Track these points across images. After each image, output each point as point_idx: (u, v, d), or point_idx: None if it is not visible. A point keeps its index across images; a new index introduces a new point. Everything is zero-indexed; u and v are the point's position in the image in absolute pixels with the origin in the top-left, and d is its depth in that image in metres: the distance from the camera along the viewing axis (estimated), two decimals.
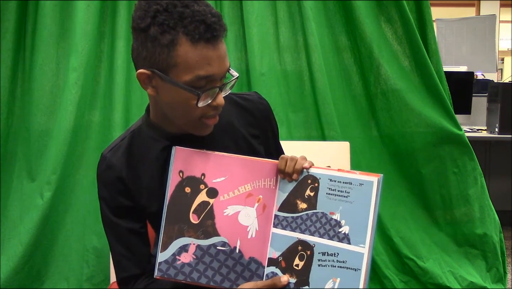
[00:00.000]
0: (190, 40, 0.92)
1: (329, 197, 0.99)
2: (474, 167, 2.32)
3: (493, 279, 2.37)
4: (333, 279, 0.96)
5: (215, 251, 1.02)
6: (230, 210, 1.03)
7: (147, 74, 0.97)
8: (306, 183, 1.02)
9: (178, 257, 1.01)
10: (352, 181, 0.98)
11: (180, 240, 1.02)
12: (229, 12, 2.25)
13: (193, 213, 1.02)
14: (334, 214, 0.98)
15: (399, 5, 2.22)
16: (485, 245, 2.36)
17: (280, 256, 1.02)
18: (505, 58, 8.39)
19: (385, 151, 2.35)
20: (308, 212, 1.01)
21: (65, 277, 2.19)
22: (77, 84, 2.13)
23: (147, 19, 0.93)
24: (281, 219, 1.03)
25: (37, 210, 2.13)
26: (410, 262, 2.32)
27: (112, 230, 1.11)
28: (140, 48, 0.96)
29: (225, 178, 1.03)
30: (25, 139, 2.19)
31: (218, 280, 1.02)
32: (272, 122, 1.22)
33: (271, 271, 1.02)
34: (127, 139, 1.11)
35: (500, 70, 7.64)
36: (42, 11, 2.15)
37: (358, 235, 0.95)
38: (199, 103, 0.95)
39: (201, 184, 1.03)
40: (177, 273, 1.01)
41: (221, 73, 0.97)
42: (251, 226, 1.03)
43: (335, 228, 0.98)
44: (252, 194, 1.04)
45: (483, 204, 2.35)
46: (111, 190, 1.08)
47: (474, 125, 3.75)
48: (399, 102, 2.27)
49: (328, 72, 2.26)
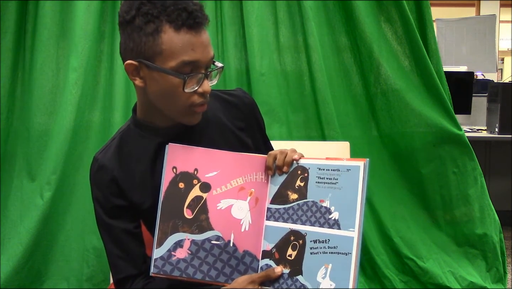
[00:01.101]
0: (174, 27, 0.97)
1: (319, 185, 1.01)
2: (474, 167, 2.32)
3: (493, 279, 2.37)
4: (325, 265, 0.97)
5: (210, 246, 1.03)
6: (223, 203, 1.05)
7: (134, 65, 1.01)
8: (296, 174, 1.04)
9: (174, 252, 1.02)
10: (340, 167, 1.00)
11: (175, 235, 1.03)
12: (229, 12, 2.25)
13: (187, 208, 1.04)
14: (324, 201, 1.00)
15: (399, 5, 2.22)
16: (485, 245, 2.36)
17: (273, 248, 1.03)
18: (505, 58, 8.38)
19: (385, 151, 2.35)
20: (299, 202, 1.03)
21: (65, 277, 2.19)
22: (77, 84, 2.13)
23: (132, 11, 0.98)
24: (273, 211, 1.05)
25: (37, 210, 2.13)
26: (410, 262, 2.32)
27: (106, 231, 1.12)
28: (128, 41, 1.00)
29: (217, 172, 1.05)
30: (25, 139, 2.19)
31: (213, 275, 1.03)
32: (258, 117, 1.26)
33: (266, 264, 1.04)
34: (117, 139, 1.13)
35: (500, 70, 7.64)
36: (42, 11, 2.15)
37: (347, 219, 0.97)
38: (185, 88, 0.99)
39: (194, 179, 1.05)
40: (173, 269, 1.02)
41: (205, 60, 1.00)
42: (244, 219, 1.05)
43: (325, 215, 1.00)
44: (244, 187, 1.06)
45: (483, 204, 2.34)
46: (104, 191, 1.09)
47: (474, 125, 3.75)
48: (399, 102, 2.27)
49: (328, 72, 2.26)
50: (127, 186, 1.09)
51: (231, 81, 2.25)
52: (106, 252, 1.13)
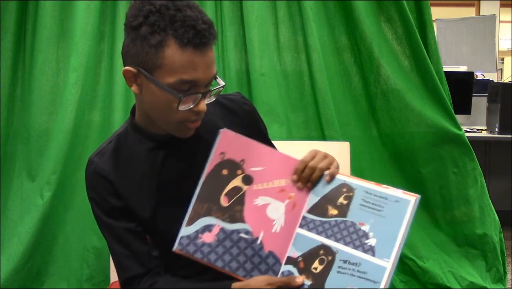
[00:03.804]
0: (179, 43, 0.93)
1: (362, 208, 0.99)
2: (474, 167, 2.32)
3: (493, 279, 2.37)
4: (350, 287, 0.94)
5: (237, 238, 1.03)
6: (261, 200, 1.05)
7: (133, 72, 0.99)
8: (341, 191, 1.02)
9: (201, 235, 1.03)
10: (389, 196, 0.98)
11: (206, 218, 1.03)
12: (229, 12, 2.25)
13: (224, 196, 1.04)
14: (363, 224, 0.98)
15: (399, 5, 2.22)
16: (485, 245, 2.36)
17: (300, 256, 1.01)
18: (505, 58, 8.38)
19: (385, 151, 2.35)
20: (337, 218, 1.01)
21: (65, 277, 2.19)
22: (77, 84, 2.12)
23: (140, 18, 0.95)
24: (308, 221, 1.03)
25: (37, 210, 2.13)
26: (410, 262, 2.32)
27: (108, 230, 1.10)
28: (130, 46, 0.98)
29: (262, 168, 1.05)
30: (25, 139, 2.19)
31: (233, 266, 1.02)
32: (259, 122, 1.23)
33: (288, 270, 1.02)
34: (114, 142, 1.11)
35: (500, 70, 7.64)
36: (42, 11, 2.15)
37: (384, 249, 0.94)
38: (180, 106, 0.96)
39: (238, 169, 1.05)
40: (196, 251, 1.02)
41: (206, 80, 0.97)
42: (277, 220, 1.04)
43: (362, 239, 0.97)
44: (285, 189, 1.05)
45: (483, 204, 2.34)
46: (100, 193, 1.09)
47: (474, 125, 3.75)
48: (399, 102, 2.27)
49: (328, 72, 2.26)
50: (123, 190, 1.08)
51: (231, 81, 2.25)
52: (110, 252, 1.12)
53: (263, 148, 1.07)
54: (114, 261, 1.12)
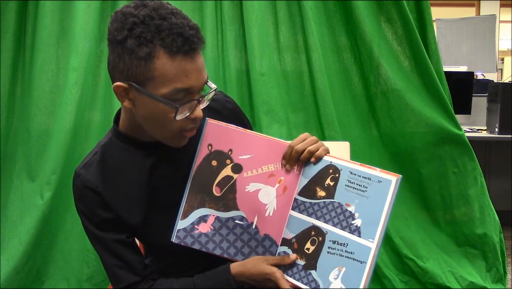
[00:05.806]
0: (168, 53, 0.91)
1: (347, 189, 1.02)
2: (474, 167, 2.32)
3: (493, 279, 2.37)
4: (339, 267, 0.98)
5: (233, 224, 1.07)
6: (252, 186, 1.08)
7: (123, 87, 0.96)
8: (328, 172, 1.05)
9: (197, 226, 1.06)
10: (372, 177, 1.01)
11: (201, 210, 1.07)
12: (229, 12, 2.25)
13: (216, 186, 1.07)
14: (349, 205, 1.01)
15: (399, 5, 2.22)
16: (485, 245, 2.36)
17: (293, 237, 1.06)
18: (505, 58, 8.38)
19: (385, 151, 2.35)
20: (325, 200, 1.04)
21: (65, 277, 2.20)
22: (77, 84, 2.13)
23: (124, 31, 0.92)
24: (299, 203, 1.07)
25: (37, 210, 2.13)
26: (410, 262, 2.32)
27: (99, 243, 1.10)
28: (117, 61, 0.95)
29: (250, 155, 1.08)
30: (25, 139, 2.20)
31: (232, 252, 1.07)
32: (243, 118, 1.24)
33: (283, 251, 1.06)
34: (99, 153, 1.10)
35: (500, 70, 7.64)
36: (42, 11, 2.15)
37: (369, 229, 0.97)
38: (177, 116, 0.95)
39: (227, 158, 1.08)
40: (193, 242, 1.06)
41: (199, 86, 0.97)
42: (269, 204, 1.08)
43: (348, 220, 1.00)
44: (274, 174, 1.08)
45: (483, 204, 2.34)
46: (89, 205, 1.07)
47: (474, 125, 3.75)
48: (399, 102, 2.27)
49: (328, 72, 2.26)
50: (112, 201, 1.07)
51: (231, 81, 2.25)
52: (102, 264, 1.11)
53: (249, 135, 1.09)
54: (108, 272, 1.11)
